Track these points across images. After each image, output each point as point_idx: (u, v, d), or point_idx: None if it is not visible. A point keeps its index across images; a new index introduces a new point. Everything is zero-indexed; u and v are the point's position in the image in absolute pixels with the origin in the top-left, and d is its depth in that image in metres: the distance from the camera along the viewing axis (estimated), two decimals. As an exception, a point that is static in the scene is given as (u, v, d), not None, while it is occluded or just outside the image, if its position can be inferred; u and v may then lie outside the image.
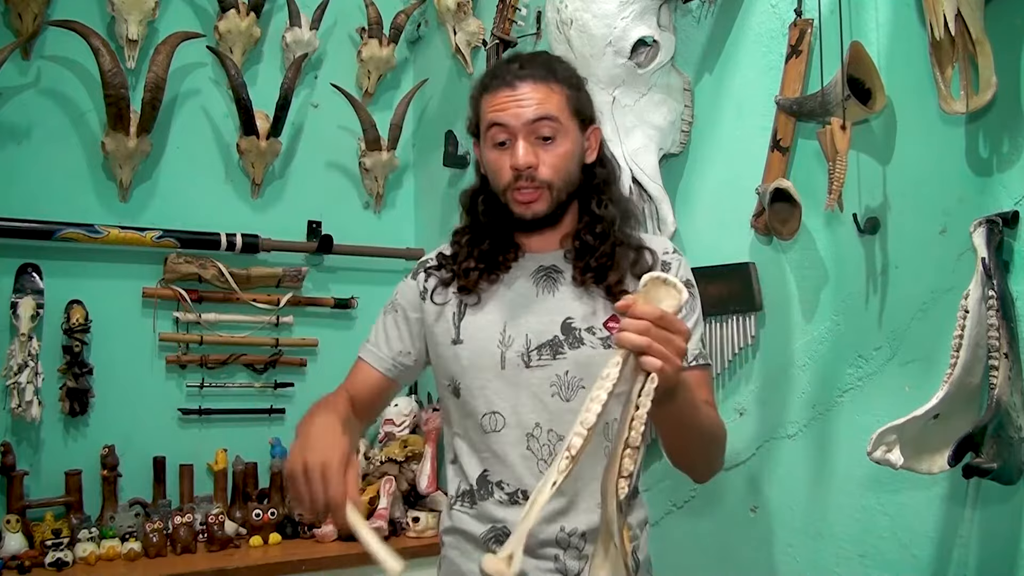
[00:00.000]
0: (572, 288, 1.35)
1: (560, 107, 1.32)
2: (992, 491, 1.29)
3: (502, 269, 1.39)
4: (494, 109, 1.32)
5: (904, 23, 1.45)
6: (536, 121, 1.30)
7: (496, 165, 1.33)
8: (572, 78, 1.37)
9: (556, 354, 1.32)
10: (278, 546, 2.26)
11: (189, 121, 2.50)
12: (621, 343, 1.05)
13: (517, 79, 1.32)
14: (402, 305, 1.44)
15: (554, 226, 1.37)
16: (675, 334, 1.05)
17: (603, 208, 1.36)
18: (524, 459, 1.32)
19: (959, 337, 1.24)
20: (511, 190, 1.32)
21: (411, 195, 2.86)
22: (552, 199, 1.32)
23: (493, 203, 1.38)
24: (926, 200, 1.42)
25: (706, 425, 1.27)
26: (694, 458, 1.34)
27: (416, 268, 1.47)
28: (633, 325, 1.04)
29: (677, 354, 1.05)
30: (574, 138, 1.34)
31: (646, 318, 1.04)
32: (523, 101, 1.30)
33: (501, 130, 1.31)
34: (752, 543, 1.70)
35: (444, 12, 2.48)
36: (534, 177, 1.30)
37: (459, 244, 1.43)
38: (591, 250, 1.34)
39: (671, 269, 1.36)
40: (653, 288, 1.09)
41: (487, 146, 1.35)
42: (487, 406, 1.34)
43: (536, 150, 1.30)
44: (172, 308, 2.41)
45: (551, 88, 1.32)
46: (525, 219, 1.34)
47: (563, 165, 1.32)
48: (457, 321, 1.38)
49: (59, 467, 2.20)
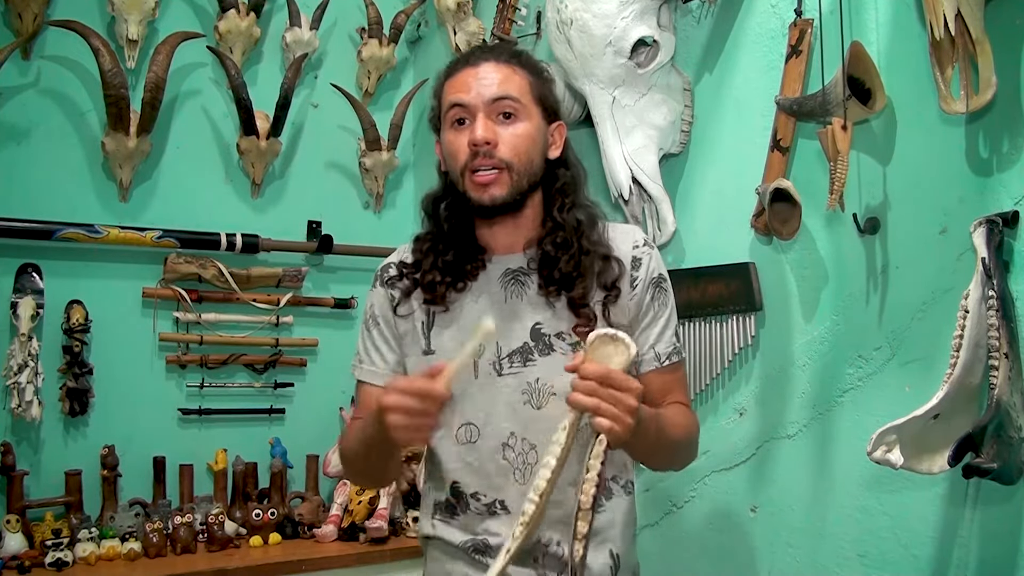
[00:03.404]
0: (539, 295, 1.32)
1: (522, 89, 1.30)
2: (992, 491, 1.29)
3: (469, 278, 1.34)
4: (454, 89, 1.30)
5: (904, 23, 1.45)
6: (497, 100, 1.28)
7: (454, 146, 1.30)
8: (537, 68, 1.36)
9: (526, 361, 1.30)
10: (278, 546, 2.26)
11: (189, 121, 2.49)
12: (570, 404, 1.10)
13: (480, 60, 1.31)
14: (380, 316, 1.40)
15: (515, 214, 1.32)
16: (624, 392, 1.09)
17: (566, 212, 1.32)
18: (500, 469, 1.30)
19: (959, 337, 1.24)
20: (468, 171, 1.28)
21: (411, 195, 2.86)
22: (512, 184, 1.27)
23: (456, 206, 1.35)
24: (926, 200, 1.42)
25: (673, 440, 1.29)
26: (668, 464, 1.41)
27: (380, 275, 1.42)
28: (581, 386, 1.09)
29: (627, 412, 1.09)
30: (536, 123, 1.31)
31: (593, 379, 1.08)
32: (484, 80, 1.28)
33: (461, 110, 1.29)
34: (752, 543, 1.70)
35: (444, 12, 2.48)
36: (492, 155, 1.26)
37: (421, 252, 1.38)
38: (554, 261, 1.30)
39: (642, 265, 1.33)
40: (601, 345, 1.12)
41: (446, 128, 1.32)
42: (461, 417, 1.32)
43: (496, 127, 1.27)
44: (172, 308, 2.41)
45: (514, 70, 1.31)
46: (484, 206, 1.28)
47: (523, 146, 1.28)
48: (426, 331, 1.35)
49: (59, 467, 2.19)
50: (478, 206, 1.30)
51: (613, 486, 1.35)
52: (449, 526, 1.34)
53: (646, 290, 1.34)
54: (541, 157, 1.33)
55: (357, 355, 1.43)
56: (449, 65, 1.37)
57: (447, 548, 1.35)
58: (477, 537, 1.31)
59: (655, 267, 1.35)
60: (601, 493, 1.31)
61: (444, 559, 1.36)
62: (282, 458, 2.43)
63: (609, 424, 1.08)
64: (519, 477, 1.29)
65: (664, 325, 1.35)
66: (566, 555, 1.29)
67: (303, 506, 2.38)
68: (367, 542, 2.24)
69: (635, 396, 1.10)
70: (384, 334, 1.40)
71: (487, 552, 1.29)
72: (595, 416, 1.09)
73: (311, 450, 2.50)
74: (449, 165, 1.33)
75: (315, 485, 2.48)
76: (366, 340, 1.42)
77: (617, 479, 1.36)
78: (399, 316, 1.38)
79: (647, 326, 1.34)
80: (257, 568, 2.10)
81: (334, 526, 2.30)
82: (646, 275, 1.34)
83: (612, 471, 1.35)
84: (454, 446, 1.32)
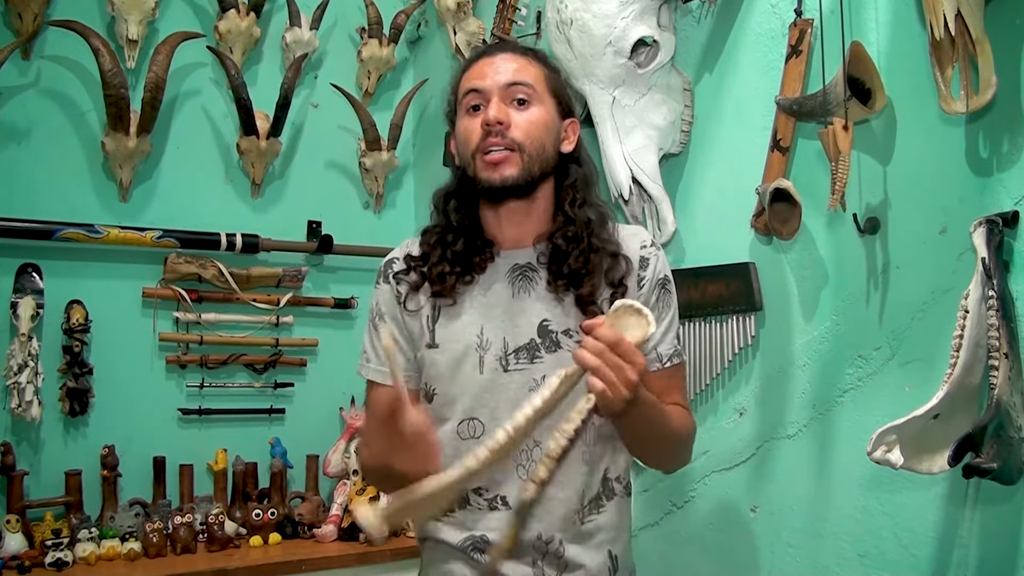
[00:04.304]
0: (547, 291, 1.32)
1: (536, 78, 1.32)
2: (992, 491, 1.29)
3: (477, 270, 1.34)
4: (471, 78, 1.33)
5: (904, 23, 1.45)
6: (511, 85, 1.30)
7: (467, 130, 1.31)
8: (552, 64, 1.39)
9: (533, 358, 1.30)
10: (278, 546, 2.26)
11: (189, 121, 2.49)
12: (575, 358, 1.10)
13: (497, 51, 1.34)
14: (387, 313, 1.39)
15: (525, 200, 1.32)
16: (628, 364, 1.09)
17: (578, 208, 1.33)
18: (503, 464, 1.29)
19: (959, 337, 1.24)
20: (480, 152, 1.28)
21: (411, 195, 2.86)
22: (523, 165, 1.28)
23: (466, 201, 1.36)
24: (926, 200, 1.42)
25: (668, 433, 1.29)
26: (658, 461, 1.41)
27: (384, 271, 1.41)
28: (590, 344, 1.09)
29: (625, 384, 1.09)
30: (550, 112, 1.33)
31: (604, 341, 1.08)
32: (500, 67, 1.31)
33: (476, 95, 1.31)
34: (752, 543, 1.70)
35: (444, 12, 2.48)
36: (504, 135, 1.27)
37: (429, 245, 1.38)
38: (564, 255, 1.31)
39: (649, 265, 1.34)
40: (624, 314, 1.12)
41: (461, 114, 1.33)
42: (465, 412, 1.31)
43: (509, 110, 1.29)
44: (172, 308, 2.41)
45: (529, 61, 1.34)
46: (494, 186, 1.28)
47: (535, 131, 1.29)
48: (432, 325, 1.35)
49: (59, 467, 2.20)
50: (488, 187, 1.29)
51: (616, 486, 1.35)
52: (447, 525, 1.34)
53: (652, 291, 1.34)
54: (553, 147, 1.33)
55: (364, 354, 1.42)
56: (466, 59, 1.40)
57: (445, 548, 1.34)
58: (475, 534, 1.31)
59: (661, 268, 1.36)
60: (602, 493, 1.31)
61: (442, 559, 1.35)
62: (282, 458, 2.44)
63: (602, 387, 1.08)
64: (522, 473, 1.29)
65: (667, 327, 1.35)
66: (565, 554, 1.29)
67: (303, 506, 2.38)
68: (367, 542, 2.24)
69: (638, 371, 1.09)
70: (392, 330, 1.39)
71: (486, 551, 1.29)
72: (593, 376, 1.08)
73: (311, 450, 2.50)
74: (461, 151, 1.33)
75: (315, 485, 2.48)
76: (373, 338, 1.41)
77: (620, 479, 1.36)
78: (408, 312, 1.37)
79: None
80: (257, 568, 2.11)
81: (334, 526, 2.30)
82: (653, 276, 1.34)
83: (615, 472, 1.35)
84: (457, 441, 1.31)
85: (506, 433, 1.07)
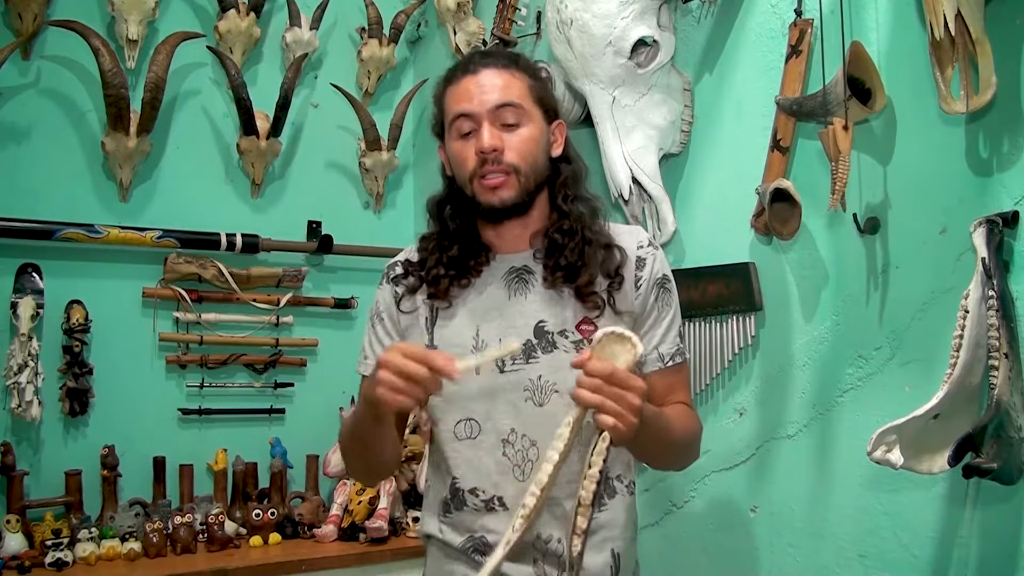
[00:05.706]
0: (543, 290, 1.33)
1: (523, 94, 1.32)
2: (992, 491, 1.29)
3: (472, 274, 1.36)
4: (458, 99, 1.32)
5: (904, 23, 1.45)
6: (500, 108, 1.30)
7: (462, 155, 1.32)
8: (534, 69, 1.39)
9: (529, 358, 1.30)
10: (278, 546, 2.26)
11: (189, 121, 2.49)
12: (575, 400, 1.11)
13: (480, 66, 1.33)
14: (385, 312, 1.42)
15: (523, 216, 1.34)
16: (628, 391, 1.10)
17: (571, 203, 1.35)
18: (499, 465, 1.30)
19: (959, 337, 1.24)
20: (477, 177, 1.30)
21: (411, 195, 2.86)
22: (520, 186, 1.30)
23: (461, 208, 1.37)
24: (926, 200, 1.42)
25: (675, 439, 1.30)
26: (667, 464, 1.43)
27: (387, 273, 1.44)
28: (586, 383, 1.09)
29: (630, 411, 1.10)
30: (539, 125, 1.33)
31: (598, 375, 1.09)
32: (486, 87, 1.31)
33: (466, 120, 1.31)
34: (752, 543, 1.70)
35: (444, 12, 2.48)
36: (500, 160, 1.29)
37: (426, 250, 1.40)
38: (560, 248, 1.32)
39: (646, 265, 1.35)
40: (608, 343, 1.14)
41: (452, 138, 1.34)
42: (461, 412, 1.32)
43: (501, 134, 1.30)
44: (172, 308, 2.41)
45: (513, 75, 1.33)
46: (494, 208, 1.31)
47: (529, 150, 1.31)
48: (429, 327, 1.36)
49: (59, 467, 2.19)
50: (488, 208, 1.32)
51: (617, 485, 1.35)
52: (448, 526, 1.35)
53: (650, 290, 1.34)
54: (545, 157, 1.35)
55: (362, 351, 1.45)
56: (448, 72, 1.38)
57: (447, 549, 1.35)
58: (475, 535, 1.31)
59: (659, 268, 1.36)
60: (603, 491, 1.31)
61: (444, 559, 1.36)
62: (282, 458, 2.44)
63: (613, 422, 1.09)
64: (519, 474, 1.29)
65: (668, 326, 1.35)
66: (565, 552, 1.29)
67: (303, 506, 2.38)
68: (367, 542, 2.24)
69: (640, 395, 1.10)
70: (388, 330, 1.41)
71: (486, 552, 1.29)
72: (599, 413, 1.09)
73: (311, 450, 2.50)
74: (457, 172, 1.35)
75: (315, 485, 2.48)
76: (371, 336, 1.43)
77: (621, 478, 1.36)
78: (403, 312, 1.39)
79: (651, 327, 1.34)
80: (257, 568, 2.10)
81: (334, 526, 2.30)
82: (650, 275, 1.34)
83: (617, 470, 1.35)
84: (454, 441, 1.33)
85: (533, 496, 1.12)
